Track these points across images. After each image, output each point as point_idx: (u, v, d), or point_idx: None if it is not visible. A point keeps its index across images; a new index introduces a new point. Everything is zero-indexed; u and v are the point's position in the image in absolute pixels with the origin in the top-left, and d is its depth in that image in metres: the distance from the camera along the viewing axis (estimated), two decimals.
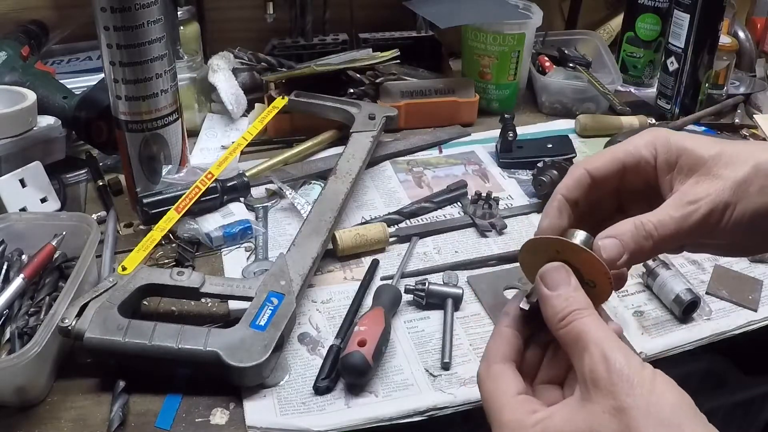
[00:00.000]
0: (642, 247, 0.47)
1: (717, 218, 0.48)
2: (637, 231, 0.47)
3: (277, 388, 0.65)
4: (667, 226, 0.47)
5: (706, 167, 0.49)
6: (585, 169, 0.52)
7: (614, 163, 0.51)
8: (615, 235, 0.48)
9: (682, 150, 0.50)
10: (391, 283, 0.78)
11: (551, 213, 0.52)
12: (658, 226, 0.47)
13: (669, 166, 0.50)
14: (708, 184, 0.48)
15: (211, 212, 0.88)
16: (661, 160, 0.51)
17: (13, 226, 0.76)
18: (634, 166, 0.51)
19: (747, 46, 1.32)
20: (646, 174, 0.51)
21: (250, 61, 1.15)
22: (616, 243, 0.47)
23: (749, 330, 0.75)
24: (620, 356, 0.40)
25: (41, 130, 0.92)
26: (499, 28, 1.12)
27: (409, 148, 1.07)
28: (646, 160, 0.51)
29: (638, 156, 0.51)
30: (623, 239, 0.47)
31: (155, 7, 0.78)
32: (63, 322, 0.63)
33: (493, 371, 0.47)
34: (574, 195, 0.52)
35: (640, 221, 0.48)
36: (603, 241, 0.48)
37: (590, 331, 0.42)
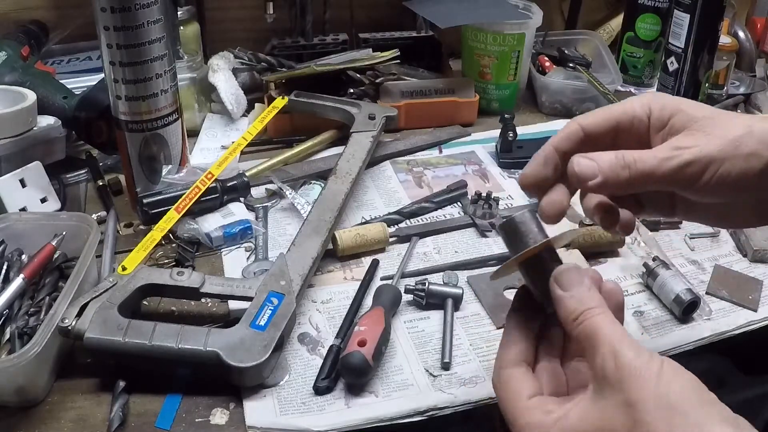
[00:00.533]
0: (618, 176, 0.47)
1: (700, 170, 0.47)
2: (616, 159, 0.48)
3: (277, 388, 0.65)
4: (647, 163, 0.47)
5: (698, 125, 0.49)
6: (578, 124, 0.52)
7: (608, 121, 0.52)
8: (593, 157, 0.48)
9: (677, 110, 0.50)
10: (391, 283, 0.78)
11: (537, 161, 0.52)
12: (638, 160, 0.48)
13: (661, 124, 0.51)
14: (697, 137, 0.48)
15: (211, 212, 0.88)
16: (654, 118, 0.51)
17: (13, 226, 0.76)
18: (628, 124, 0.51)
19: (747, 46, 1.32)
20: (639, 133, 0.52)
21: (250, 61, 1.15)
22: (592, 164, 0.48)
23: (749, 330, 0.75)
24: (629, 351, 0.41)
25: (41, 130, 0.92)
26: (499, 28, 1.13)
27: (409, 148, 1.07)
28: (640, 119, 0.51)
29: (632, 114, 0.51)
30: (600, 162, 0.48)
31: (155, 7, 0.78)
32: (63, 322, 0.63)
33: (504, 377, 0.47)
34: (565, 147, 0.52)
35: (621, 153, 0.48)
36: (579, 159, 0.48)
37: (601, 329, 0.43)
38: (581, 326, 0.44)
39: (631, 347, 0.42)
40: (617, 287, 0.49)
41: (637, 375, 0.40)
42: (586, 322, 0.44)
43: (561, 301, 0.46)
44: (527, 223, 0.50)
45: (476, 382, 0.66)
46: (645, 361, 0.41)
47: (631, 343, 0.42)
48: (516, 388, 0.46)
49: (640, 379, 0.40)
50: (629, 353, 0.41)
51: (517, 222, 0.50)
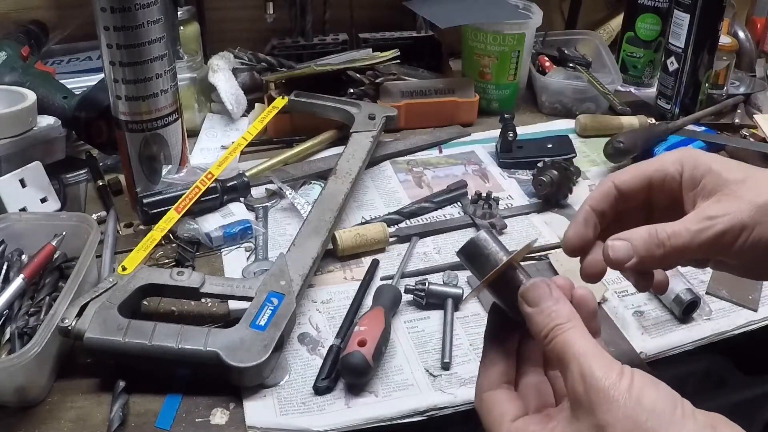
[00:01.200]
0: (653, 254, 0.48)
1: (733, 238, 0.48)
2: (650, 238, 0.48)
3: (277, 388, 0.65)
4: (681, 237, 0.48)
5: (730, 189, 0.50)
6: (612, 182, 0.53)
7: (641, 178, 0.53)
8: (627, 238, 0.49)
9: (708, 170, 0.51)
10: (391, 283, 0.78)
11: (578, 222, 0.53)
12: (672, 235, 0.48)
13: (693, 183, 0.51)
14: (728, 204, 0.49)
15: (211, 212, 0.88)
16: (686, 177, 0.52)
17: (13, 226, 0.76)
18: (660, 181, 0.53)
19: (747, 46, 1.32)
20: (672, 190, 0.53)
21: (250, 61, 1.15)
22: (627, 246, 0.48)
23: (749, 330, 0.75)
24: (597, 371, 0.40)
25: (41, 130, 0.92)
26: (499, 28, 1.13)
27: (409, 148, 1.07)
28: (672, 176, 0.52)
29: (665, 171, 0.52)
30: (634, 243, 0.48)
31: (155, 7, 0.78)
32: (63, 322, 0.63)
33: (486, 401, 0.47)
34: (601, 206, 0.53)
35: (655, 229, 0.49)
36: (614, 242, 0.49)
37: (571, 347, 0.42)
38: (551, 344, 0.43)
39: (600, 365, 0.41)
40: (588, 294, 0.48)
41: (605, 397, 0.39)
42: (555, 340, 0.43)
43: (530, 318, 0.45)
44: (487, 244, 0.49)
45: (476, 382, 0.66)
46: (614, 381, 0.40)
47: (600, 360, 0.41)
48: (499, 412, 0.45)
49: (608, 400, 0.39)
50: (597, 373, 0.40)
51: (476, 244, 0.49)
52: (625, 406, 0.39)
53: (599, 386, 0.40)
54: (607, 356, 0.41)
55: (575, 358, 0.41)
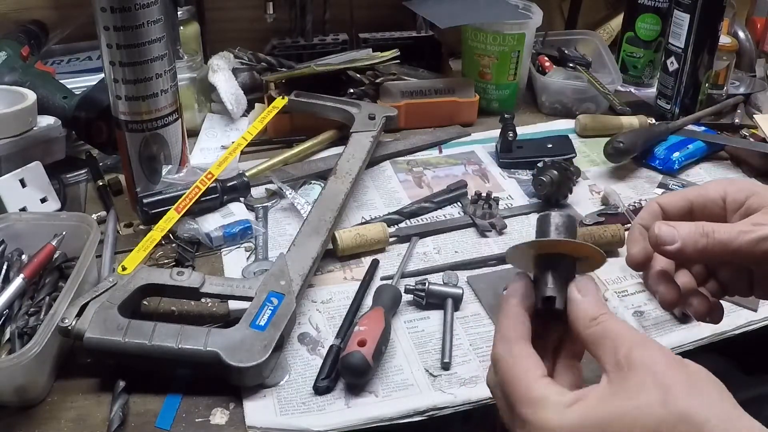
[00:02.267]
0: (696, 243, 0.51)
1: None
2: (696, 227, 0.51)
3: (277, 388, 0.65)
4: (725, 233, 0.51)
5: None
6: (657, 203, 0.57)
7: (683, 201, 0.56)
8: (674, 224, 0.52)
9: (752, 192, 0.55)
10: (391, 283, 0.78)
11: (636, 240, 0.56)
12: (717, 229, 0.51)
13: (738, 205, 0.55)
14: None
15: (211, 212, 0.88)
16: (730, 200, 0.55)
17: (13, 226, 0.76)
18: (702, 205, 0.56)
19: (747, 46, 1.32)
20: (714, 214, 0.56)
21: (250, 61, 1.15)
22: (672, 230, 0.52)
23: (749, 330, 0.75)
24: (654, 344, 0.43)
25: (41, 130, 0.92)
26: (499, 28, 1.13)
27: (409, 148, 1.07)
28: (714, 201, 0.56)
29: (706, 196, 0.56)
30: (680, 229, 0.51)
31: (155, 7, 0.78)
32: (63, 322, 0.63)
33: (517, 351, 0.47)
34: (649, 224, 0.55)
35: (701, 222, 0.52)
36: (660, 225, 0.52)
37: (620, 326, 0.45)
38: (599, 326, 0.45)
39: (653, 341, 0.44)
40: None
41: (667, 360, 0.41)
42: (603, 323, 0.45)
43: (579, 304, 0.47)
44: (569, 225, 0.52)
45: (476, 382, 0.66)
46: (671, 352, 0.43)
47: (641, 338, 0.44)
48: (531, 363, 0.46)
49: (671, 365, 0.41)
50: (655, 344, 0.43)
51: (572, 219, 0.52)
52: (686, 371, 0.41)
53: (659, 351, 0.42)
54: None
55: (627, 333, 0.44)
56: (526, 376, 0.45)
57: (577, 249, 0.50)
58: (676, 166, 1.03)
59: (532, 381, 0.44)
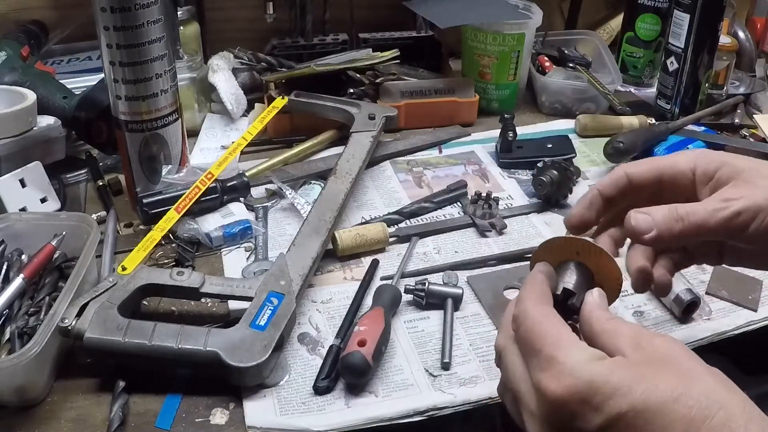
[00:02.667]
0: (671, 228, 0.51)
1: (748, 219, 0.50)
2: (669, 213, 0.51)
3: (277, 388, 0.65)
4: (698, 215, 0.50)
5: (745, 175, 0.52)
6: (624, 171, 0.56)
7: (653, 171, 0.55)
8: (648, 212, 0.51)
9: (722, 163, 0.54)
10: (391, 283, 0.78)
11: (583, 203, 0.55)
12: (691, 212, 0.51)
13: (708, 177, 0.54)
14: (744, 188, 0.51)
15: (211, 212, 0.88)
16: (700, 172, 0.54)
17: (13, 226, 0.76)
18: (672, 177, 0.55)
19: (747, 46, 1.32)
20: (683, 187, 0.55)
21: (250, 61, 1.15)
22: (648, 218, 0.51)
23: (749, 330, 0.75)
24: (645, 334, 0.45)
25: (41, 130, 0.92)
26: (499, 28, 1.13)
27: (409, 148, 1.07)
28: (684, 174, 0.55)
29: (676, 168, 0.55)
30: (655, 216, 0.51)
31: (155, 7, 0.78)
32: (63, 322, 0.63)
33: (546, 310, 0.48)
34: (609, 192, 0.55)
35: (674, 206, 0.51)
36: (635, 214, 0.52)
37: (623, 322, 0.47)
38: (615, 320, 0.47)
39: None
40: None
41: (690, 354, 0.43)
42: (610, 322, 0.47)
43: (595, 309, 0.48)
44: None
45: (476, 382, 0.66)
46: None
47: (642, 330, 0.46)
48: (561, 321, 0.47)
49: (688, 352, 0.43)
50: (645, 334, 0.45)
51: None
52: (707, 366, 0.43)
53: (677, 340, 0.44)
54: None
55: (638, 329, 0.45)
56: (558, 327, 0.46)
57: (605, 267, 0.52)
58: None
59: (563, 332, 0.45)
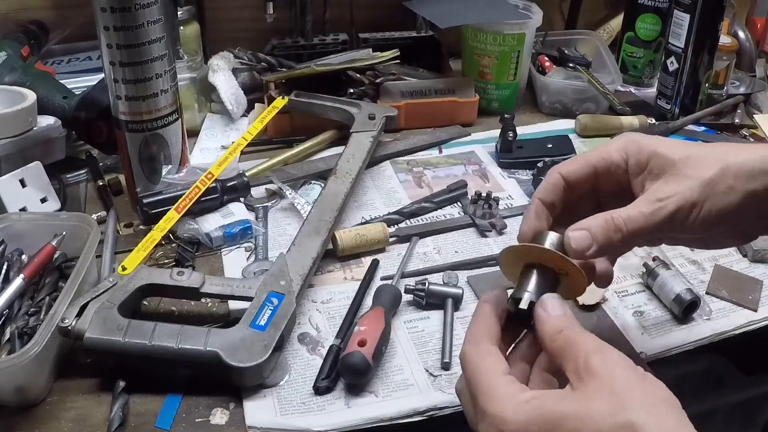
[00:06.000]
0: (611, 240, 0.50)
1: (685, 215, 0.50)
2: (606, 225, 0.50)
3: (277, 388, 0.65)
4: (636, 221, 0.50)
5: (676, 168, 0.52)
6: (559, 173, 0.55)
7: (586, 167, 0.55)
8: (585, 227, 0.51)
9: (653, 153, 0.53)
10: (391, 283, 0.78)
11: (530, 216, 0.55)
12: (628, 221, 0.50)
13: (640, 168, 0.53)
14: (676, 184, 0.51)
15: (211, 212, 0.88)
16: (632, 163, 0.54)
17: (13, 226, 0.76)
18: (606, 169, 0.54)
19: (747, 46, 1.32)
20: (618, 177, 0.54)
21: (250, 61, 1.15)
22: (586, 235, 0.51)
23: (749, 330, 0.75)
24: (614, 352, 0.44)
25: (41, 130, 0.92)
26: (499, 28, 1.13)
27: (409, 148, 1.07)
28: (617, 164, 0.54)
29: (609, 160, 0.54)
30: (593, 231, 0.51)
31: (155, 7, 0.78)
32: (63, 322, 0.63)
33: (483, 350, 0.48)
34: (551, 198, 0.55)
35: (611, 216, 0.51)
36: (573, 233, 0.51)
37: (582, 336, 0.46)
38: (562, 335, 0.46)
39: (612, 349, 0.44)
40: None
41: (624, 369, 0.42)
42: (566, 332, 0.46)
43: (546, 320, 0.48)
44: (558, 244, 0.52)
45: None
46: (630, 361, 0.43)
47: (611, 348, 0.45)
48: (495, 362, 0.47)
49: (628, 372, 0.42)
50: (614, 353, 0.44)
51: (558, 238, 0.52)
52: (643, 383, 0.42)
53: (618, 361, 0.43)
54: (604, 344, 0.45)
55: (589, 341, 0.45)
56: (490, 372, 0.46)
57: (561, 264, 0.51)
58: None
59: (493, 376, 0.46)
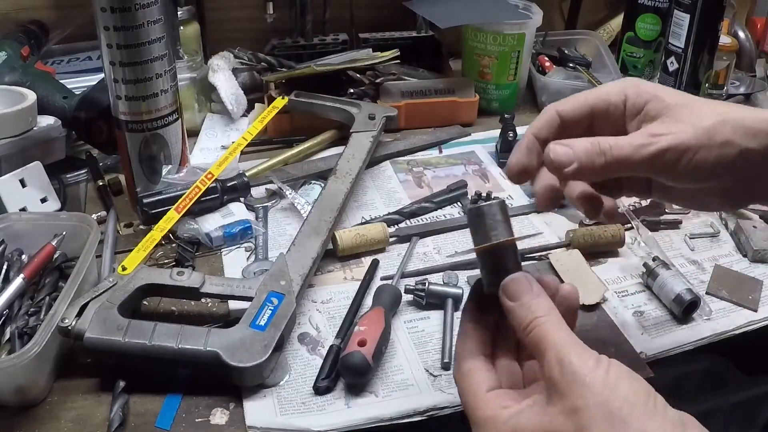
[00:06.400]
0: (593, 162, 0.48)
1: (676, 158, 0.48)
2: (591, 146, 0.49)
3: (277, 388, 0.65)
4: (623, 150, 0.48)
5: (674, 112, 0.50)
6: (555, 110, 0.53)
7: (583, 107, 0.53)
8: (569, 144, 0.49)
9: (652, 96, 0.51)
10: (391, 283, 0.78)
11: (521, 149, 0.53)
12: (614, 146, 0.49)
13: (637, 110, 0.51)
14: (672, 125, 0.49)
15: (211, 212, 0.88)
16: (629, 104, 0.52)
17: (13, 226, 0.76)
18: (603, 110, 0.53)
19: (747, 46, 1.32)
20: (615, 120, 0.53)
21: (250, 61, 1.15)
22: (568, 151, 0.49)
23: (749, 330, 0.75)
24: (574, 358, 0.42)
25: (41, 130, 0.92)
26: (499, 28, 1.13)
27: (409, 148, 1.07)
28: (615, 105, 0.52)
29: (607, 101, 0.52)
30: (576, 149, 0.49)
31: (155, 7, 0.78)
32: (63, 322, 0.63)
33: (463, 370, 0.48)
34: (544, 134, 0.53)
35: (597, 139, 0.49)
36: (555, 146, 0.49)
37: (548, 336, 0.43)
38: (531, 334, 0.44)
39: (576, 353, 0.42)
40: (572, 290, 0.49)
41: (580, 382, 0.40)
42: (534, 331, 0.44)
43: (511, 312, 0.46)
44: (496, 215, 0.49)
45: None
46: (590, 368, 0.41)
47: (577, 349, 0.42)
48: (476, 380, 0.47)
49: (584, 386, 0.40)
50: (574, 359, 0.41)
51: (484, 211, 0.49)
52: (599, 393, 0.40)
53: (575, 372, 0.41)
54: (583, 346, 0.43)
55: (553, 346, 0.43)
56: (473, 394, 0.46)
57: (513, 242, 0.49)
58: None
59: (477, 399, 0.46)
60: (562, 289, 0.49)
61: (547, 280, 0.49)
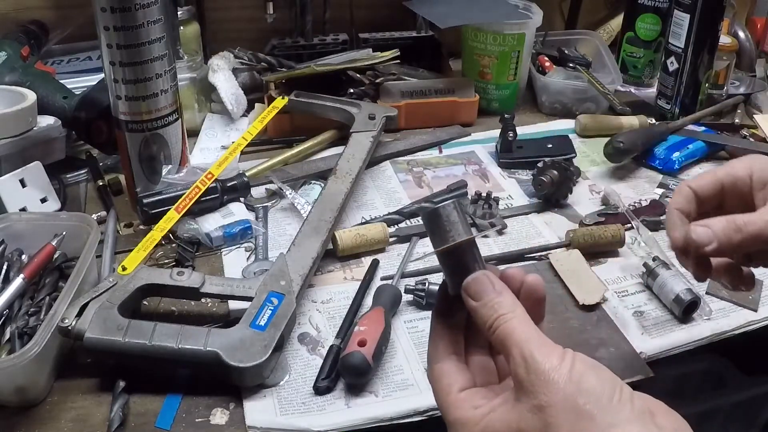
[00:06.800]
0: (731, 239, 0.53)
1: None
2: (728, 224, 0.53)
3: (277, 388, 0.65)
4: (756, 225, 0.53)
5: None
6: (689, 186, 0.58)
7: (714, 182, 0.58)
8: (708, 224, 0.54)
9: None
10: (391, 283, 0.78)
11: (676, 224, 0.57)
12: (748, 223, 0.53)
13: (762, 183, 0.56)
14: None
15: (211, 212, 0.88)
16: (756, 178, 0.56)
17: (13, 226, 0.76)
18: (732, 184, 0.57)
19: (747, 46, 1.32)
20: (742, 193, 0.57)
21: (250, 61, 1.15)
22: (708, 231, 0.54)
23: (749, 330, 0.75)
24: (538, 355, 0.42)
25: (41, 130, 0.92)
26: (499, 28, 1.13)
27: (409, 148, 1.07)
28: (743, 180, 0.57)
29: (735, 176, 0.57)
30: (715, 228, 0.54)
31: (155, 7, 0.78)
32: (63, 322, 0.63)
33: (436, 371, 0.48)
34: (686, 208, 0.58)
35: (732, 217, 0.54)
36: (696, 228, 0.54)
37: (513, 334, 0.44)
38: (495, 333, 0.45)
39: (540, 350, 0.42)
40: (537, 281, 0.49)
41: (545, 379, 0.41)
42: (498, 330, 0.44)
43: (475, 312, 0.46)
44: (451, 216, 0.48)
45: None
46: (554, 364, 0.41)
47: (541, 345, 0.42)
48: (448, 382, 0.47)
49: (549, 383, 0.40)
50: (538, 357, 0.42)
51: (440, 213, 0.49)
52: (564, 389, 0.40)
53: (540, 369, 0.41)
54: (548, 342, 0.43)
55: (517, 344, 0.43)
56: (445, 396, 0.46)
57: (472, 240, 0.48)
58: (677, 166, 1.03)
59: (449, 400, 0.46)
60: (527, 280, 0.49)
61: (511, 273, 0.49)
